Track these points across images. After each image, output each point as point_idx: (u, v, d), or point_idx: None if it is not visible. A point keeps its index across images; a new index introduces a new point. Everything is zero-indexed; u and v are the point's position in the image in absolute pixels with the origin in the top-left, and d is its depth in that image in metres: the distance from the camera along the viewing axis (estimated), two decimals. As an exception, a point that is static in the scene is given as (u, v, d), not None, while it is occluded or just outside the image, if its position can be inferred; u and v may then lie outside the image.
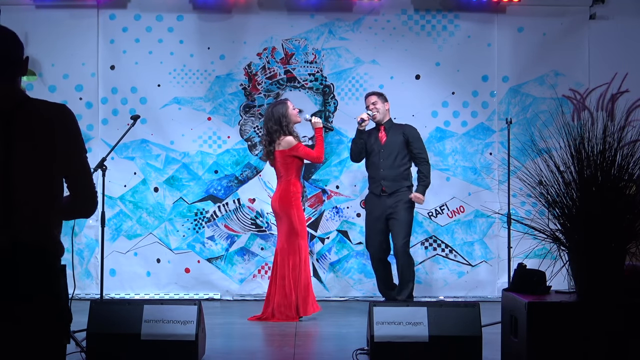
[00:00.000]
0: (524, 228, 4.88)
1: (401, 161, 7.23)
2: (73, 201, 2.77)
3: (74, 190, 2.76)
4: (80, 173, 2.75)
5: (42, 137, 2.65)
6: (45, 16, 8.06)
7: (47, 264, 2.67)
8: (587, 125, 4.73)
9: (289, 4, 8.27)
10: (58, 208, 2.72)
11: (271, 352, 5.99)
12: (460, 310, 5.16)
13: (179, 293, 8.17)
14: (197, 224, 8.23)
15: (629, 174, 4.61)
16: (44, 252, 2.67)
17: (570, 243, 4.64)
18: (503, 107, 8.25)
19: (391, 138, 7.27)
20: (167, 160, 8.22)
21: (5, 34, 2.70)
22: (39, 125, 2.65)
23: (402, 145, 7.24)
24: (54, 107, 2.71)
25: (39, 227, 2.66)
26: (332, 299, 8.19)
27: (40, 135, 2.65)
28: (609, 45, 8.17)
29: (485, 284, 8.23)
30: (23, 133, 2.63)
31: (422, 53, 8.27)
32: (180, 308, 5.17)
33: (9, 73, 2.68)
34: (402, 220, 7.14)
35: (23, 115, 2.65)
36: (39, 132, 2.65)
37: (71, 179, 2.75)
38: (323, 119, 8.19)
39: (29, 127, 2.64)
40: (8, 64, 2.68)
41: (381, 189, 7.21)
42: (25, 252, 2.62)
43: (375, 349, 5.04)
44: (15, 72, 2.71)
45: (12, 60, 2.69)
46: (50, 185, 2.69)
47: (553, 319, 4.47)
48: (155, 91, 8.20)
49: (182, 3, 8.19)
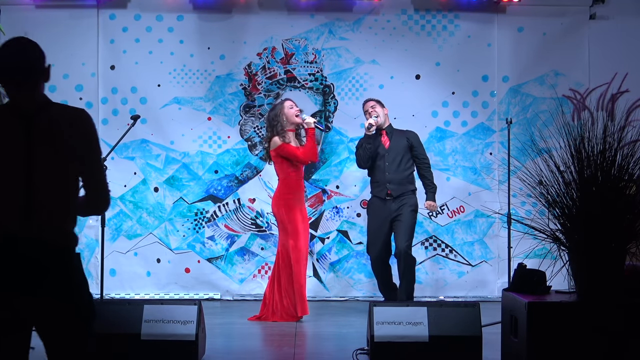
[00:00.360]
0: (524, 228, 4.88)
1: (405, 165, 7.25)
2: (88, 199, 2.95)
3: (89, 190, 2.94)
4: (95, 174, 2.94)
5: (62, 139, 2.85)
6: (45, 16, 8.07)
7: (65, 262, 2.84)
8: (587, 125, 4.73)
9: (289, 4, 8.27)
10: (74, 206, 2.91)
11: (271, 352, 6.00)
12: (460, 310, 5.16)
13: (179, 293, 8.17)
14: (197, 224, 8.23)
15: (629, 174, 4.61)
16: (62, 251, 2.84)
17: (570, 243, 4.64)
18: (503, 107, 8.25)
19: (395, 142, 7.29)
20: (167, 160, 8.22)
21: (28, 45, 2.94)
22: (58, 129, 2.85)
23: (406, 149, 7.28)
24: (73, 111, 2.92)
25: (57, 225, 2.84)
26: (332, 299, 8.19)
27: (60, 137, 2.84)
28: (609, 45, 8.17)
29: (485, 284, 8.23)
30: (44, 135, 2.83)
31: (422, 53, 8.27)
32: (180, 308, 5.18)
33: (33, 81, 2.91)
34: (406, 223, 7.13)
35: (44, 119, 2.85)
36: (59, 135, 2.84)
37: (87, 179, 2.92)
38: (323, 119, 8.20)
39: (50, 130, 2.84)
40: (32, 72, 2.91)
41: (387, 193, 7.19)
42: (45, 251, 2.80)
43: (375, 349, 5.04)
44: (39, 79, 2.94)
45: (36, 69, 2.93)
46: (67, 185, 2.87)
47: (553, 319, 4.47)
48: (155, 91, 8.20)
49: (182, 3, 8.19)
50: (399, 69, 8.24)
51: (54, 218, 2.84)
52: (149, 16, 8.22)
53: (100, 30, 8.16)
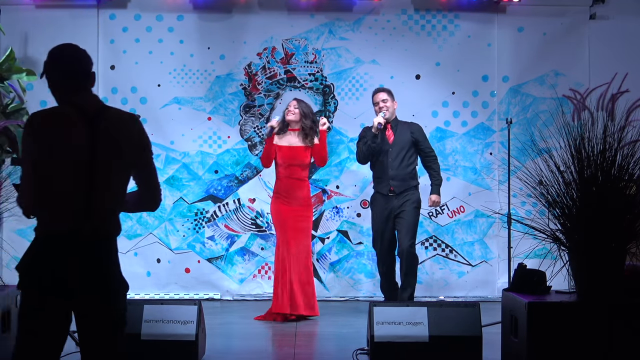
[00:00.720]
0: (524, 228, 4.88)
1: (408, 160, 7.16)
2: (142, 199, 3.20)
3: (143, 190, 3.19)
4: (149, 176, 3.16)
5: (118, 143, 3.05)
6: (45, 16, 8.07)
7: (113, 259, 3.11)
8: (587, 125, 4.74)
9: (289, 4, 8.27)
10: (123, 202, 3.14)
11: (271, 352, 6.00)
12: (460, 310, 5.16)
13: (179, 293, 8.17)
14: (197, 224, 8.23)
15: (629, 174, 4.61)
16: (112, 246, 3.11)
17: (570, 243, 4.64)
18: (503, 107, 8.25)
19: (399, 137, 7.18)
20: (167, 160, 8.22)
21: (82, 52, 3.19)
22: (115, 130, 3.06)
23: (410, 144, 7.16)
24: (127, 115, 3.16)
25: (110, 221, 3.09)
26: (332, 299, 8.19)
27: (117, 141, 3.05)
28: (609, 45, 8.16)
29: (485, 284, 8.23)
30: (103, 135, 3.03)
31: (422, 53, 8.27)
32: (180, 308, 5.18)
33: (89, 85, 3.15)
34: (409, 221, 7.07)
35: (103, 120, 3.05)
36: (115, 136, 3.05)
37: (141, 180, 3.17)
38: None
39: (107, 131, 3.04)
40: (87, 76, 3.15)
41: (389, 189, 7.14)
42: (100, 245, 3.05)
43: (375, 349, 5.04)
44: (92, 83, 3.18)
45: (89, 73, 3.17)
46: (120, 182, 3.09)
47: (553, 319, 4.47)
48: (155, 91, 8.20)
49: (182, 3, 8.19)
50: (399, 69, 8.24)
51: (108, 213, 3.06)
52: (149, 16, 8.22)
53: (100, 30, 8.16)
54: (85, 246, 3.00)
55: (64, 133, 3.00)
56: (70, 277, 2.96)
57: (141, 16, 8.22)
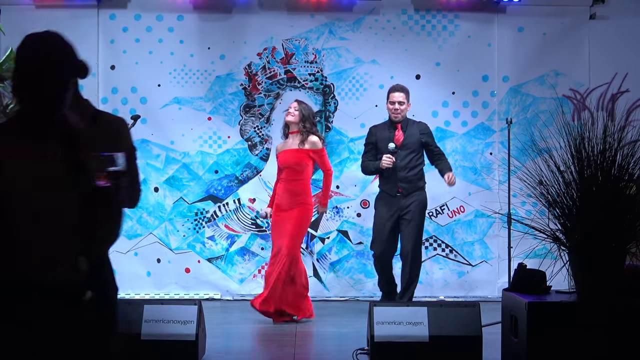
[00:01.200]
0: (524, 228, 4.88)
1: (416, 161, 7.10)
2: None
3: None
4: (131, 174, 3.12)
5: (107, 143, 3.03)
6: (45, 16, 8.06)
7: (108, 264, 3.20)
8: (587, 125, 4.74)
9: (289, 4, 8.27)
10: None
11: (271, 352, 5.99)
12: (460, 310, 5.16)
13: (179, 293, 8.17)
14: (197, 224, 8.23)
15: (629, 174, 4.61)
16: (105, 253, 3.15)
17: (570, 243, 4.64)
18: (503, 107, 8.25)
19: (408, 138, 7.12)
20: (167, 160, 8.22)
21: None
22: (107, 133, 3.10)
23: (418, 144, 7.12)
24: (116, 119, 3.20)
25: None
26: (332, 299, 8.20)
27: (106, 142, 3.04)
28: (609, 45, 8.16)
29: (485, 284, 8.22)
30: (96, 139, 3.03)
31: (422, 53, 8.27)
32: (180, 308, 5.18)
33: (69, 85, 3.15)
34: (415, 223, 7.01)
35: (97, 124, 3.12)
36: (108, 139, 3.06)
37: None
38: (323, 119, 8.21)
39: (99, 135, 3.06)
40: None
41: (397, 191, 7.08)
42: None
43: (375, 349, 5.04)
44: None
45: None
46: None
47: (553, 319, 4.47)
48: (155, 91, 8.20)
49: (182, 3, 8.20)
50: (399, 69, 8.24)
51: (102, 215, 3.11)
52: (149, 16, 8.22)
53: (100, 30, 8.16)
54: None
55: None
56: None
57: (141, 16, 8.22)
